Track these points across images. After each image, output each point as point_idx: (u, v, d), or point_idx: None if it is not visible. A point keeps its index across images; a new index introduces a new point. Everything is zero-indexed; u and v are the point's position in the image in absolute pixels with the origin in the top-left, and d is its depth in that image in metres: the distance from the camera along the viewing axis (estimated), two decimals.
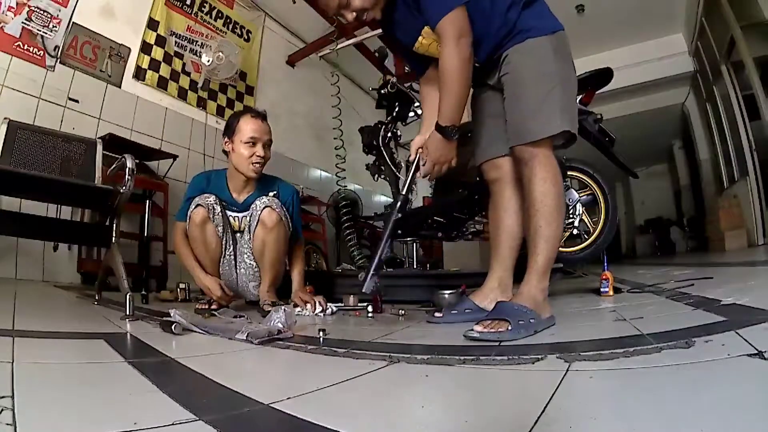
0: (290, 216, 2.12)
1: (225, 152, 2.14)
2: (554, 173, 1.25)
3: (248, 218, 2.08)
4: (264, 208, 2.01)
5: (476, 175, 2.21)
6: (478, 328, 1.06)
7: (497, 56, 1.34)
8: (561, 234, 1.22)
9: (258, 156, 2.04)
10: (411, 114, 3.00)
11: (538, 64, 1.26)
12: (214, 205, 2.02)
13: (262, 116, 2.12)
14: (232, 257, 2.12)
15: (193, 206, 1.99)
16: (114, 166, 2.06)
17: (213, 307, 1.93)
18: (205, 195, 2.03)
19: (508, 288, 1.41)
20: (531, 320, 1.09)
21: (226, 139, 2.11)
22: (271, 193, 2.11)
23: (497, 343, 1.00)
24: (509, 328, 1.05)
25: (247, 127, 2.05)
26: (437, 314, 1.44)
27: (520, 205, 1.39)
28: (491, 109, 1.47)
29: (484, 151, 1.49)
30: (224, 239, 2.09)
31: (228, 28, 4.52)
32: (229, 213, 2.10)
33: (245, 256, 2.12)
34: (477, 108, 1.54)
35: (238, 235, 2.13)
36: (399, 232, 1.54)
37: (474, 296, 1.42)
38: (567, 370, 0.73)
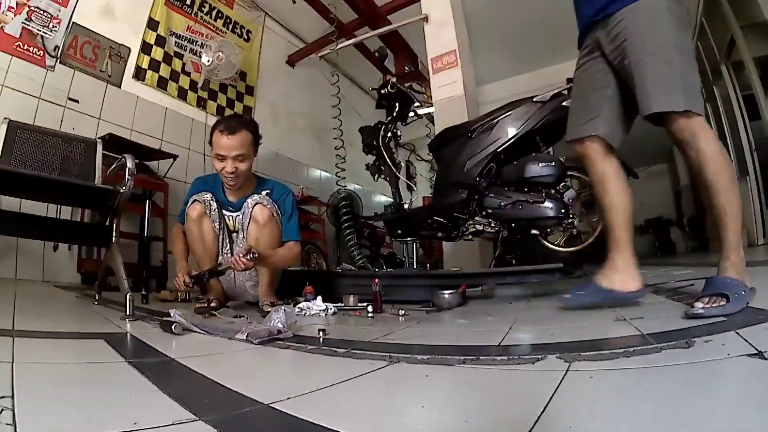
0: (281, 213, 2.11)
1: None
2: (716, 146, 1.20)
3: (242, 217, 2.10)
4: (255, 204, 2.03)
5: (476, 176, 2.22)
6: (699, 304, 1.06)
7: (606, 15, 1.30)
8: (739, 200, 1.20)
9: (227, 171, 2.00)
10: (411, 114, 3.00)
11: (654, 29, 1.22)
12: (211, 202, 2.06)
13: (231, 130, 1.99)
14: (229, 257, 2.12)
15: (190, 202, 2.04)
16: (114, 166, 2.06)
17: (213, 305, 1.94)
18: (202, 192, 2.08)
19: (629, 265, 1.38)
20: (743, 292, 1.09)
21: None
22: (263, 192, 2.12)
23: (724, 318, 0.99)
24: (729, 302, 1.04)
25: (217, 142, 2.00)
26: (566, 296, 1.40)
27: (621, 178, 1.39)
28: (594, 83, 1.41)
29: (575, 128, 1.44)
30: (221, 236, 2.11)
31: (228, 28, 4.52)
32: (224, 212, 2.13)
33: None
34: (579, 78, 1.47)
35: (234, 235, 2.15)
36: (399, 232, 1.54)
37: (599, 278, 1.38)
38: (567, 370, 0.73)
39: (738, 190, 1.21)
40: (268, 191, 2.15)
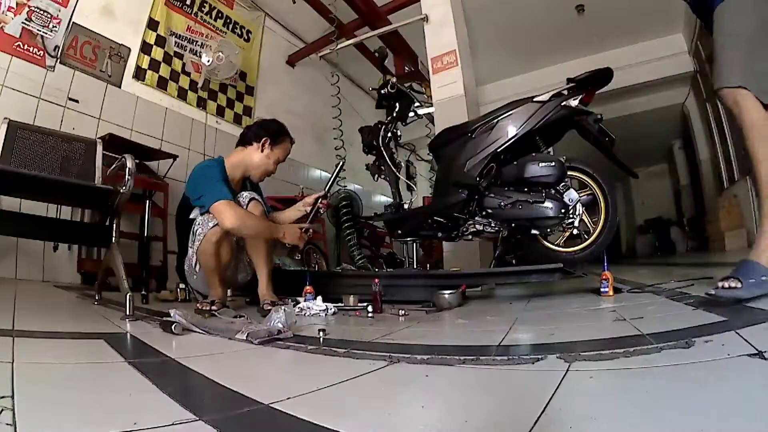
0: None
1: (243, 144, 2.22)
2: (755, 114, 1.21)
3: None
4: (250, 200, 2.05)
5: (476, 176, 2.22)
6: (720, 284, 1.07)
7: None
8: None
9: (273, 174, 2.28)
10: (411, 114, 3.00)
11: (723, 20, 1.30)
12: None
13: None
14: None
15: (211, 225, 1.94)
16: (114, 166, 2.06)
17: (213, 307, 1.93)
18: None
19: None
20: (762, 277, 1.07)
21: (267, 140, 2.19)
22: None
23: (735, 302, 0.99)
24: (742, 286, 1.04)
25: (286, 151, 2.28)
26: (711, 290, 1.15)
27: None
28: (727, 27, 1.37)
29: (719, 75, 1.36)
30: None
31: (228, 28, 4.52)
32: None
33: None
34: (716, 22, 1.42)
35: None
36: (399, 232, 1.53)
37: (757, 258, 1.19)
38: (567, 370, 0.73)
39: None
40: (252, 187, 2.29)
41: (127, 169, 1.82)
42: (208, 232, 1.95)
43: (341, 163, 2.54)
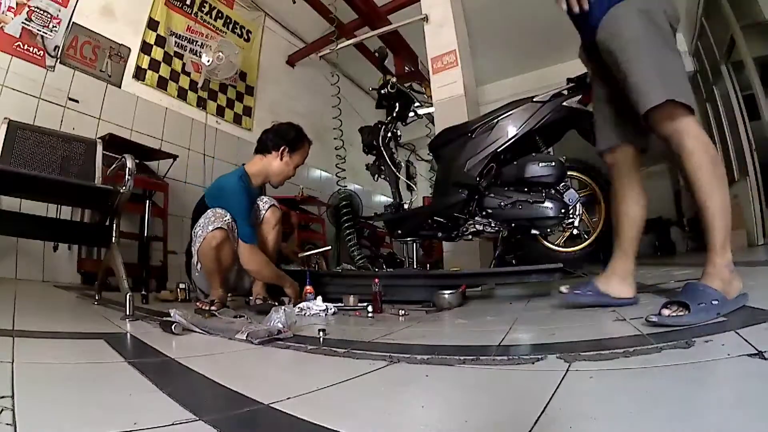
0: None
1: (261, 152, 2.26)
2: (701, 142, 1.17)
3: (253, 217, 2.15)
4: (270, 206, 2.14)
5: (476, 176, 2.22)
6: (665, 311, 1.02)
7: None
8: (728, 200, 1.14)
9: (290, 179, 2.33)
10: (411, 114, 3.00)
11: (624, 30, 1.22)
12: (232, 223, 2.04)
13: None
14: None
15: (211, 228, 1.96)
16: (114, 166, 2.06)
17: (213, 307, 1.93)
18: (221, 213, 2.02)
19: (628, 274, 1.41)
20: (713, 302, 1.03)
21: (286, 148, 2.24)
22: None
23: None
24: (689, 312, 1.00)
25: (305, 154, 2.36)
26: (563, 289, 1.47)
27: (638, 192, 1.40)
28: (598, 93, 1.45)
29: (598, 141, 1.46)
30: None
31: (228, 28, 4.52)
32: None
33: None
34: (593, 90, 1.51)
35: None
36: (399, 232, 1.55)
37: (597, 280, 1.42)
38: (567, 370, 0.73)
39: (725, 190, 1.16)
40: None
41: (127, 169, 1.82)
42: (207, 235, 1.96)
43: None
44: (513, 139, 2.18)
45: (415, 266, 3.04)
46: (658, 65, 1.19)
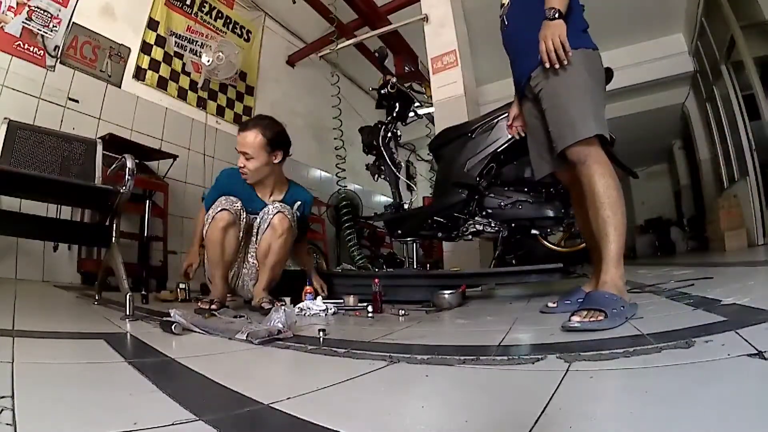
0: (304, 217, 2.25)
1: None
2: (610, 169, 1.31)
3: (259, 221, 2.12)
4: (276, 213, 2.05)
5: (476, 176, 2.22)
6: (576, 318, 1.08)
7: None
8: (626, 222, 1.27)
9: (239, 165, 2.10)
10: (411, 114, 3.00)
11: (567, 76, 1.35)
12: (241, 212, 2.04)
13: (242, 127, 2.14)
14: (241, 256, 2.17)
15: (218, 209, 1.97)
16: (114, 166, 2.06)
17: (213, 307, 1.94)
18: (233, 199, 2.03)
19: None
20: (622, 307, 1.11)
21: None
22: (295, 205, 2.20)
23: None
24: (607, 317, 1.06)
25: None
26: (550, 304, 1.48)
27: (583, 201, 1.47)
28: (530, 124, 1.57)
29: (534, 170, 1.59)
30: (242, 243, 2.12)
31: (228, 28, 4.52)
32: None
33: (249, 255, 2.17)
34: (524, 122, 1.64)
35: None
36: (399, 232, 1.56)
37: (585, 287, 1.46)
38: (567, 370, 0.73)
39: (625, 212, 1.27)
40: (299, 204, 2.24)
41: (127, 169, 1.82)
42: (217, 215, 1.97)
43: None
44: (513, 139, 2.18)
45: (415, 266, 3.04)
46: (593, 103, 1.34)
